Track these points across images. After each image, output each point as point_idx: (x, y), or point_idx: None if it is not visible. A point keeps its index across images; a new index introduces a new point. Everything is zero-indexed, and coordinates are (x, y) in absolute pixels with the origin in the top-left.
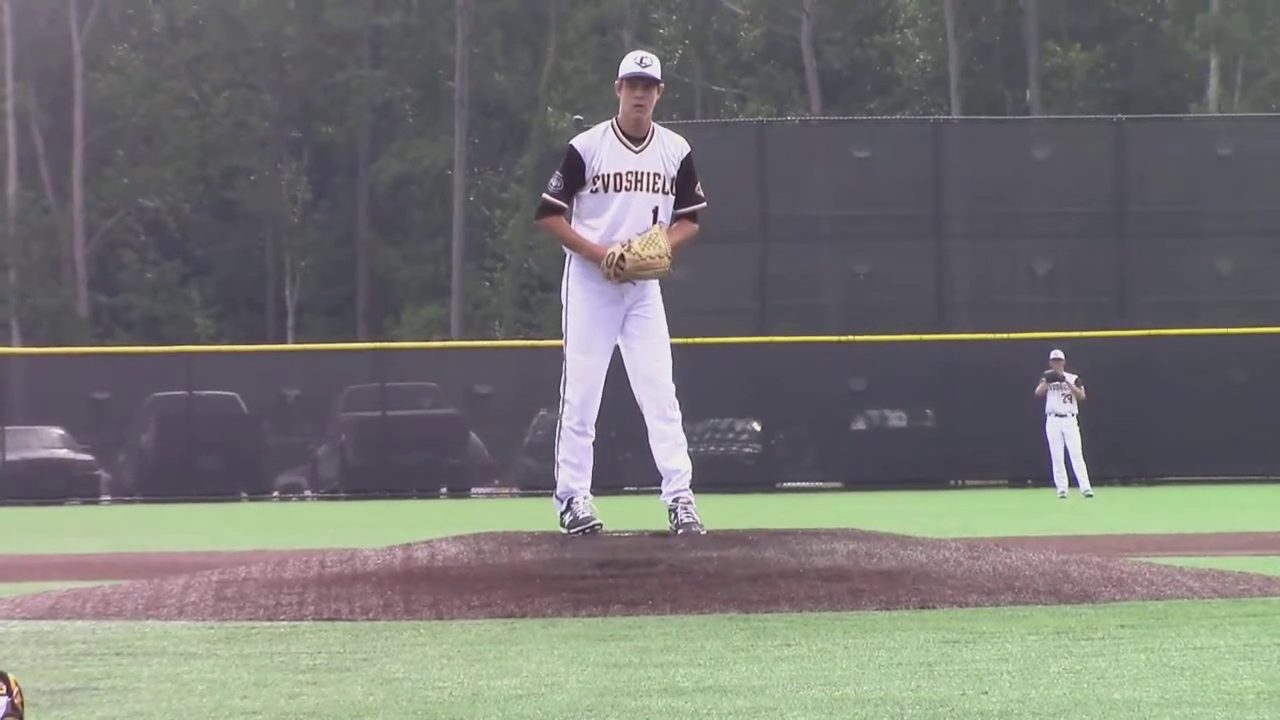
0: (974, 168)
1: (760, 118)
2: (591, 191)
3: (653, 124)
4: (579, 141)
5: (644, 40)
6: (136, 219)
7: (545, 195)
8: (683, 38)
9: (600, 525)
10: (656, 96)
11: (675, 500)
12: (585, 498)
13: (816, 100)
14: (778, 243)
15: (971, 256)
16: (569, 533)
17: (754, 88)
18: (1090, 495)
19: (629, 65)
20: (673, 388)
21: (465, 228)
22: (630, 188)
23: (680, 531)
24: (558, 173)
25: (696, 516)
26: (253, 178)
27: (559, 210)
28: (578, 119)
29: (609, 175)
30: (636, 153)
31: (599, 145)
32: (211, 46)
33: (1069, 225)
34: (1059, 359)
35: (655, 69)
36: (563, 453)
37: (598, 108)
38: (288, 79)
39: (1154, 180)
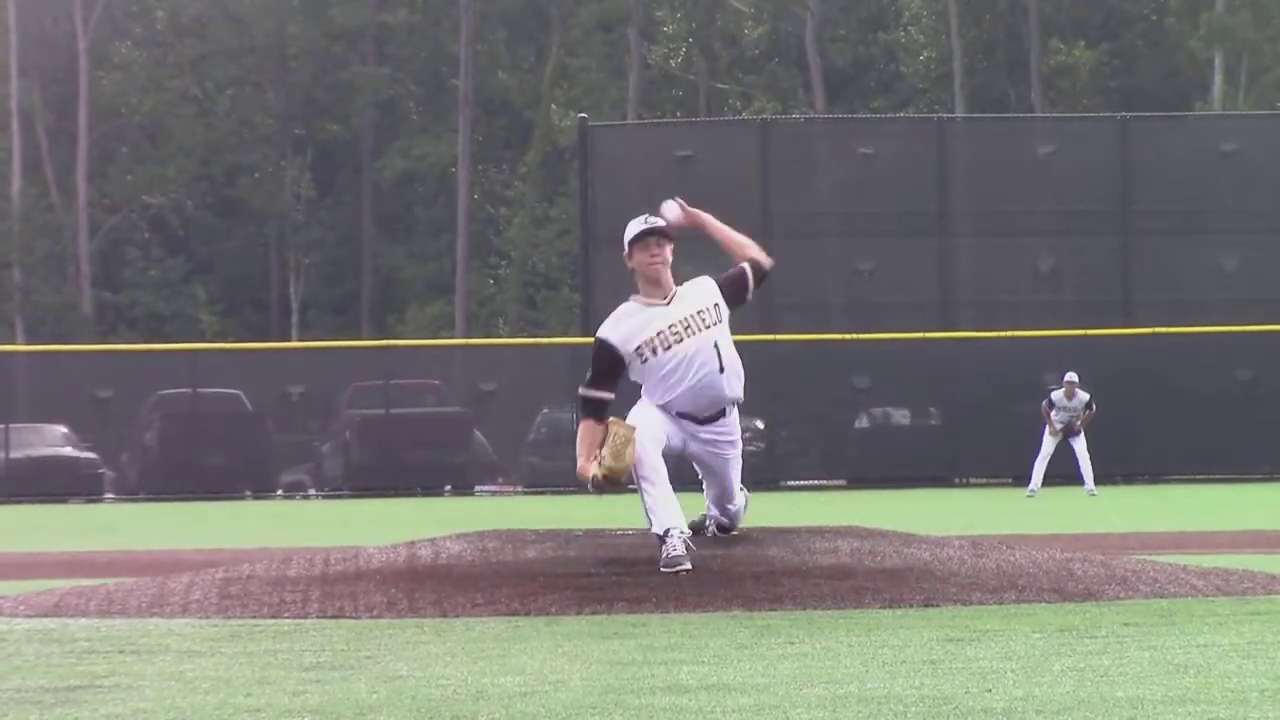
0: (978, 165)
1: (764, 115)
2: (642, 361)
3: (673, 285)
4: (606, 332)
5: (648, 37)
6: (140, 216)
7: (583, 391)
8: (686, 35)
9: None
10: (670, 251)
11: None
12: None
13: (820, 98)
14: (781, 240)
15: (975, 254)
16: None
17: (758, 85)
18: (1094, 494)
19: (633, 227)
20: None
21: (469, 225)
22: (680, 338)
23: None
24: (591, 368)
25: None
26: (256, 175)
27: (604, 405)
28: (582, 116)
29: (648, 341)
30: (665, 306)
31: (624, 323)
32: (215, 44)
33: (1073, 223)
34: (1073, 382)
35: (664, 219)
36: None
37: (602, 105)
38: (292, 76)
39: (1158, 178)
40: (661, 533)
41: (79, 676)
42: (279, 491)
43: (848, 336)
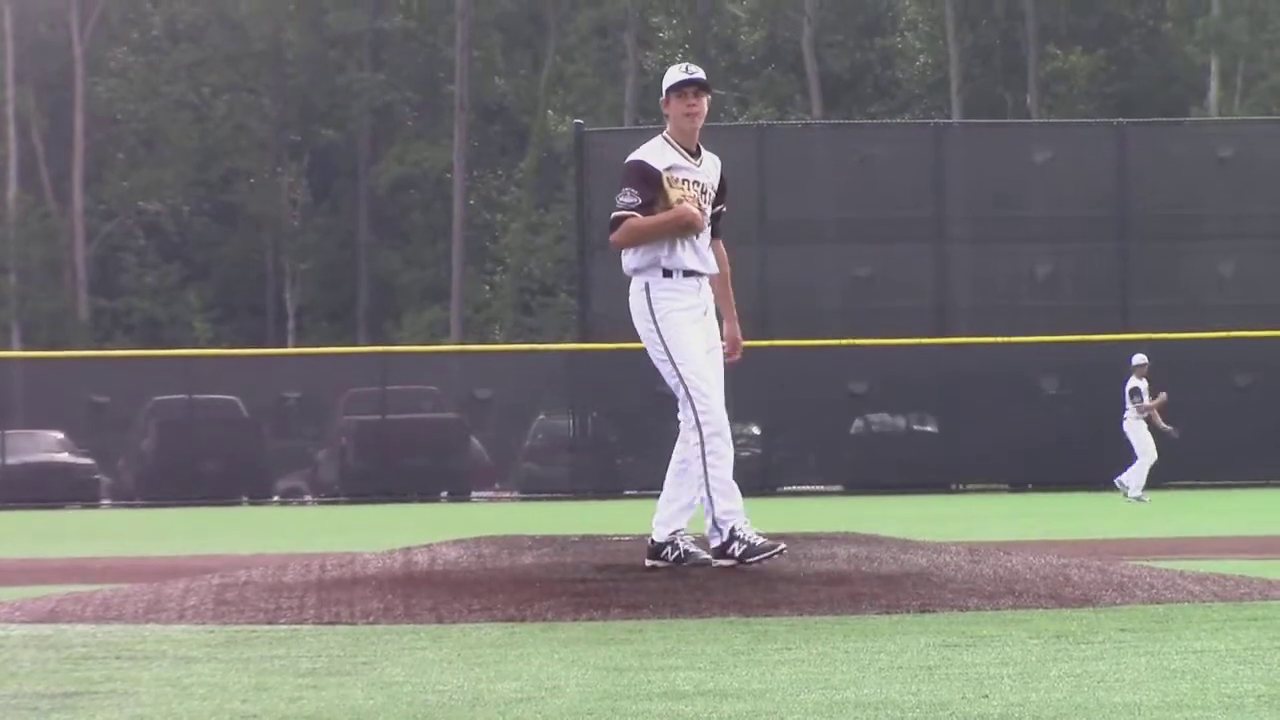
0: (975, 171)
1: (761, 121)
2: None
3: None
4: (648, 157)
5: (644, 44)
6: (136, 222)
7: (620, 212)
8: (683, 41)
9: (783, 549)
10: (706, 105)
11: (674, 533)
12: (747, 521)
13: (817, 103)
14: (778, 246)
15: (972, 260)
16: (745, 562)
17: (755, 91)
18: (1134, 492)
19: (674, 75)
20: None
21: (465, 231)
22: (694, 201)
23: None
24: (630, 189)
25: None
26: (253, 181)
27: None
28: (578, 122)
29: (674, 180)
30: (697, 165)
31: (662, 158)
32: (212, 50)
33: (1070, 229)
34: (1144, 364)
35: (702, 75)
36: (711, 478)
37: (598, 112)
38: (288, 82)
39: (1155, 184)
40: (728, 522)
41: (75, 683)
42: (275, 497)
43: (845, 342)
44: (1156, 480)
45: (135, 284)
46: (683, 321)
